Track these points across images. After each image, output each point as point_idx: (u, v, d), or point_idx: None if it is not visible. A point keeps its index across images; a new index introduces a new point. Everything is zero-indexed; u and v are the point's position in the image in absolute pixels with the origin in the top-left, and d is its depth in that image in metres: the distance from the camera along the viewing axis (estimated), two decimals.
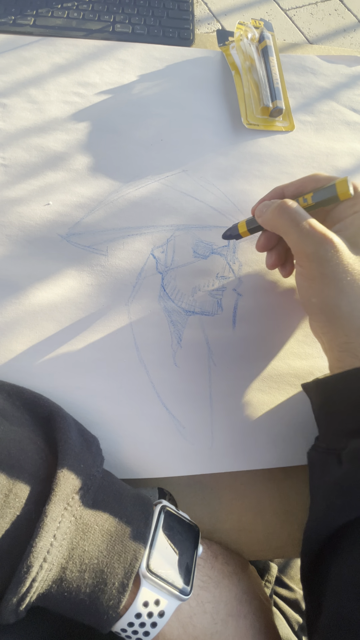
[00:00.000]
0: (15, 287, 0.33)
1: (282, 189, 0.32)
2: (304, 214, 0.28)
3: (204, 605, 0.24)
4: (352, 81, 0.47)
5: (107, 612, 0.21)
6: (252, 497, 0.31)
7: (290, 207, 0.28)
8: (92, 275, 0.34)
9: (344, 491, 0.23)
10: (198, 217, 0.38)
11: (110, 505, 0.24)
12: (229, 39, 0.47)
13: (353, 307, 0.25)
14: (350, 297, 0.25)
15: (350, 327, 0.26)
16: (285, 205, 0.29)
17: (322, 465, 0.26)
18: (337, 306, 0.26)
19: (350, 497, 0.23)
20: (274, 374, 0.33)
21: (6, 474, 0.21)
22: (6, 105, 0.40)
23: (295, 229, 0.27)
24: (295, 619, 0.41)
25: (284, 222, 0.28)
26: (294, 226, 0.27)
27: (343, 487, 0.24)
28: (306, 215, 0.28)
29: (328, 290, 0.26)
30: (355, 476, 0.23)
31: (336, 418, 0.27)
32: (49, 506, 0.21)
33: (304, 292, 0.28)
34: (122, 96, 0.42)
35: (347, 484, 0.23)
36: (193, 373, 0.32)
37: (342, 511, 0.23)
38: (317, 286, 0.27)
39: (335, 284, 0.26)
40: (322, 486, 0.26)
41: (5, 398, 0.26)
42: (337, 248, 0.26)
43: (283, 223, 0.28)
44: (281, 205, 0.29)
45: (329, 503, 0.24)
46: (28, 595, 0.20)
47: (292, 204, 0.29)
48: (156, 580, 0.22)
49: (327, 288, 0.26)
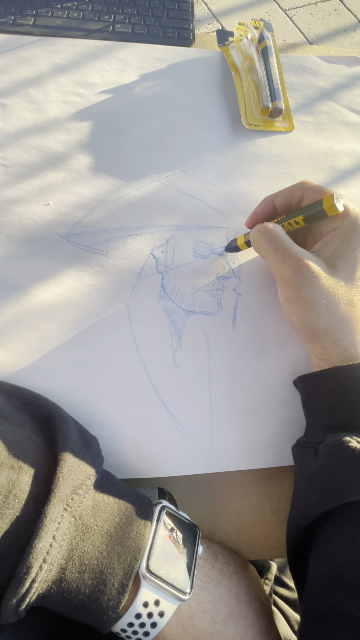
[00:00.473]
0: (15, 287, 0.33)
1: (272, 198, 0.33)
2: (283, 238, 0.29)
3: (204, 605, 0.24)
4: (352, 82, 0.47)
5: (106, 613, 0.21)
6: (252, 497, 0.31)
7: (269, 232, 0.30)
8: (92, 275, 0.34)
9: (319, 483, 0.25)
10: (198, 217, 0.38)
11: (110, 505, 0.24)
12: (228, 39, 0.47)
13: (329, 325, 0.28)
14: (326, 317, 0.28)
15: (327, 342, 0.28)
16: (265, 230, 0.30)
17: (301, 459, 0.28)
18: (315, 325, 0.28)
19: (324, 489, 0.25)
20: (274, 374, 0.33)
21: (6, 475, 0.21)
22: (6, 105, 0.40)
23: (273, 255, 0.29)
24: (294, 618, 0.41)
25: (264, 247, 0.30)
26: (272, 252, 0.29)
27: (318, 480, 0.25)
28: (284, 239, 0.29)
29: (305, 312, 0.28)
30: (329, 469, 0.25)
31: (315, 413, 0.29)
32: (49, 507, 0.21)
33: (285, 310, 0.30)
34: (122, 96, 0.42)
35: (322, 476, 0.25)
36: (193, 373, 0.32)
37: (318, 502, 0.25)
38: (296, 308, 0.29)
39: (312, 307, 0.28)
40: (301, 478, 0.27)
41: (4, 398, 0.26)
42: (313, 273, 0.28)
43: (262, 248, 0.30)
44: (261, 231, 0.30)
45: (306, 495, 0.26)
46: (28, 595, 0.20)
47: (271, 228, 0.30)
48: (156, 581, 0.22)
49: (305, 310, 0.28)
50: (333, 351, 0.28)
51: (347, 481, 0.24)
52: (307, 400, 0.30)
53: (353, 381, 0.26)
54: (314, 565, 0.25)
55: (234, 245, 0.35)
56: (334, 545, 0.24)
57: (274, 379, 0.33)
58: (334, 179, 0.42)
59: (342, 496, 0.24)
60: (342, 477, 0.24)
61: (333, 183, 0.41)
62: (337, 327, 0.28)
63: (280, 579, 0.45)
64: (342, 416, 0.27)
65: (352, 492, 0.24)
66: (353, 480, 0.24)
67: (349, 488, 0.24)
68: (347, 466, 0.24)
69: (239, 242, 0.34)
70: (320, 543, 0.25)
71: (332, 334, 0.28)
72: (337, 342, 0.28)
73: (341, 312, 0.28)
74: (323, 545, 0.25)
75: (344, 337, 0.28)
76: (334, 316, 0.28)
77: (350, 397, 0.26)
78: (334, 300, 0.28)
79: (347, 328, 0.28)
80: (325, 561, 0.24)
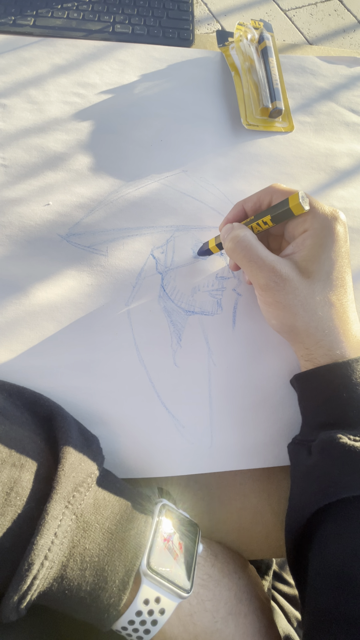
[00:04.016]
0: (15, 287, 0.33)
1: (242, 203, 0.33)
2: (254, 246, 0.29)
3: (204, 604, 0.24)
4: (352, 82, 0.47)
5: (107, 610, 0.21)
6: (252, 497, 0.31)
7: (241, 242, 0.30)
8: (92, 276, 0.34)
9: (312, 481, 0.25)
10: (198, 218, 0.38)
11: (110, 503, 0.24)
12: (228, 40, 0.47)
13: (308, 326, 0.28)
14: (304, 318, 0.28)
15: (309, 343, 0.29)
16: (237, 240, 0.30)
17: (296, 457, 0.29)
18: (294, 326, 0.29)
19: (318, 485, 0.25)
20: (274, 374, 0.33)
21: (7, 473, 0.22)
22: (6, 106, 0.40)
23: (247, 264, 0.29)
24: (294, 615, 0.41)
25: (237, 256, 0.30)
26: (245, 261, 0.29)
27: (311, 477, 0.26)
28: (256, 247, 0.29)
29: (284, 314, 0.29)
30: (321, 467, 0.25)
31: (309, 411, 0.29)
32: (50, 504, 0.21)
33: (265, 314, 0.31)
34: (122, 97, 0.42)
35: (315, 473, 0.25)
36: (193, 373, 0.32)
37: (312, 500, 0.25)
38: (274, 311, 0.29)
39: (289, 310, 0.28)
40: (296, 476, 0.28)
41: (5, 398, 0.26)
42: (285, 278, 0.28)
43: (236, 257, 0.30)
44: (232, 240, 0.30)
45: (301, 491, 0.26)
46: (29, 593, 0.20)
47: (242, 237, 0.30)
48: (157, 578, 0.22)
49: (282, 312, 0.29)
50: (317, 352, 0.28)
51: (340, 478, 0.24)
52: (302, 399, 0.30)
53: (343, 379, 0.27)
54: (313, 564, 0.25)
55: (205, 249, 0.35)
56: (331, 543, 0.24)
57: (273, 378, 0.33)
58: (333, 179, 0.42)
59: (335, 492, 0.24)
60: (334, 474, 0.24)
61: (333, 183, 0.42)
62: (318, 327, 0.28)
63: (279, 575, 0.45)
64: (334, 414, 0.27)
65: (345, 488, 0.24)
66: (345, 477, 0.24)
67: (342, 484, 0.24)
68: (339, 463, 0.24)
69: (210, 245, 0.34)
70: (318, 541, 0.25)
71: (313, 335, 0.28)
72: (320, 343, 0.28)
73: (320, 313, 0.28)
74: (321, 544, 0.25)
75: (326, 338, 0.28)
76: (313, 317, 0.28)
77: (342, 394, 0.27)
78: (310, 302, 0.28)
79: (327, 328, 0.28)
80: (324, 559, 0.24)
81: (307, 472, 0.26)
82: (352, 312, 0.29)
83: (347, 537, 0.24)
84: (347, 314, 0.29)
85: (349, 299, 0.29)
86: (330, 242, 0.29)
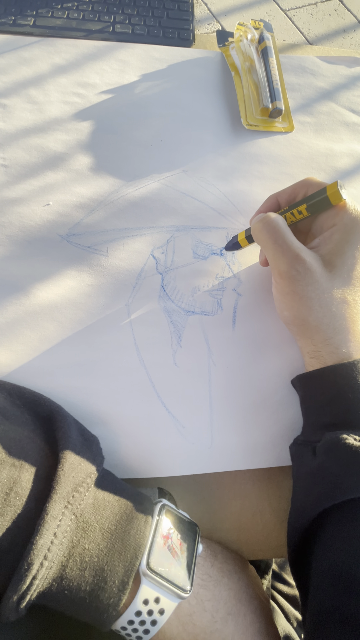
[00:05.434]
0: (15, 287, 0.33)
1: (276, 196, 0.33)
2: (283, 230, 0.29)
3: (204, 604, 0.24)
4: (352, 82, 0.47)
5: (107, 610, 0.21)
6: (252, 497, 0.31)
7: (270, 223, 0.29)
8: (92, 276, 0.34)
9: (317, 482, 0.25)
10: (198, 218, 0.38)
11: (110, 503, 0.24)
12: (228, 40, 0.47)
13: (320, 322, 0.28)
14: (318, 313, 0.28)
15: (318, 338, 0.28)
16: (266, 221, 0.30)
17: (299, 457, 0.28)
18: (306, 320, 0.28)
19: (323, 486, 0.25)
20: (274, 374, 0.33)
21: (7, 473, 0.22)
22: (6, 106, 0.40)
23: (272, 247, 0.29)
24: (293, 615, 0.41)
25: (263, 238, 0.30)
26: (270, 244, 0.29)
27: (316, 478, 0.25)
28: (284, 232, 0.29)
29: (298, 306, 0.28)
30: (327, 467, 0.25)
31: (312, 412, 0.29)
32: (50, 504, 0.21)
33: (278, 304, 0.31)
34: (122, 97, 0.43)
35: (320, 474, 0.25)
36: (193, 373, 0.32)
37: (317, 501, 0.25)
38: (289, 302, 0.29)
39: (304, 302, 0.28)
40: (300, 477, 0.28)
41: (5, 397, 0.26)
42: (308, 268, 0.28)
43: (262, 239, 0.30)
44: (262, 221, 0.30)
45: (306, 493, 0.26)
46: (28, 593, 0.20)
47: (273, 219, 0.30)
48: (156, 579, 0.22)
49: (297, 304, 0.28)
50: (324, 349, 0.28)
51: (345, 479, 0.24)
52: (305, 399, 0.30)
53: (349, 379, 0.27)
54: (316, 565, 0.25)
55: (234, 242, 0.35)
56: (334, 544, 0.24)
57: (273, 378, 0.33)
58: (333, 180, 0.42)
59: (340, 494, 0.24)
60: (339, 475, 0.24)
61: None
62: (329, 324, 0.28)
63: (279, 575, 0.45)
64: (339, 414, 0.27)
65: (351, 489, 0.24)
66: (350, 477, 0.24)
67: (347, 485, 0.24)
68: (344, 464, 0.24)
69: (239, 237, 0.34)
70: (321, 543, 0.25)
71: (323, 331, 0.28)
72: (329, 340, 0.28)
73: (334, 309, 0.28)
74: (324, 545, 0.25)
75: (336, 336, 0.28)
76: (326, 313, 0.28)
77: (347, 395, 0.26)
78: (327, 297, 0.28)
79: (339, 326, 0.28)
80: (327, 561, 0.24)
81: (311, 473, 0.26)
82: None
83: (352, 539, 0.24)
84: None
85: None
86: (357, 239, 0.28)
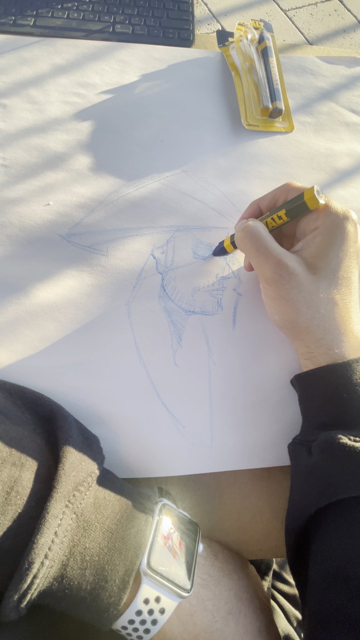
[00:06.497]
0: (16, 287, 0.33)
1: (257, 202, 0.33)
2: (264, 237, 0.30)
3: (205, 603, 0.24)
4: (352, 82, 0.47)
5: (107, 610, 0.21)
6: (252, 497, 0.31)
7: (251, 231, 0.30)
8: (92, 276, 0.34)
9: (312, 481, 0.26)
10: (198, 218, 0.38)
11: (111, 503, 0.24)
12: (228, 40, 0.47)
13: (309, 323, 0.28)
14: (306, 315, 0.28)
15: (310, 339, 0.28)
16: (247, 229, 0.30)
17: (296, 457, 0.29)
18: (296, 323, 0.29)
19: (318, 485, 0.25)
20: (274, 374, 0.33)
21: (8, 472, 0.22)
22: (6, 106, 0.40)
23: (255, 254, 0.29)
24: (294, 614, 0.41)
25: (245, 246, 0.30)
26: (253, 251, 0.29)
27: (311, 477, 0.26)
28: (265, 238, 0.29)
29: (286, 310, 0.29)
30: (321, 467, 0.25)
31: (309, 412, 0.29)
32: (50, 503, 0.21)
33: (268, 308, 0.31)
34: (122, 97, 0.43)
35: (315, 474, 0.25)
36: (193, 373, 0.32)
37: (312, 500, 0.25)
38: (277, 305, 0.29)
39: (292, 305, 0.28)
40: (296, 477, 0.28)
41: (6, 397, 0.27)
42: (291, 272, 0.28)
43: (244, 247, 0.30)
44: (243, 230, 0.30)
45: (302, 492, 0.26)
46: (29, 592, 0.20)
47: (253, 227, 0.30)
48: (157, 578, 0.22)
49: (285, 308, 0.29)
50: (317, 350, 0.28)
51: (339, 478, 0.24)
52: (302, 399, 0.30)
53: (343, 379, 0.27)
54: (313, 565, 0.25)
55: (220, 248, 0.35)
56: (330, 543, 0.24)
57: (273, 378, 0.33)
58: (333, 180, 0.42)
59: (334, 493, 0.24)
60: (334, 474, 0.24)
61: (333, 183, 0.42)
62: (319, 325, 0.28)
63: (279, 575, 0.45)
64: (334, 414, 0.27)
65: (345, 489, 0.24)
66: (345, 477, 0.24)
67: (342, 485, 0.24)
68: (339, 463, 0.24)
69: (225, 243, 0.34)
70: (317, 542, 0.25)
71: (313, 333, 0.28)
72: (320, 341, 0.28)
73: (322, 311, 0.28)
74: (320, 544, 0.25)
75: (327, 336, 0.28)
76: (315, 314, 0.28)
77: (342, 395, 0.27)
78: (314, 299, 0.28)
79: (329, 327, 0.28)
80: (325, 560, 0.24)
81: (307, 472, 0.26)
82: (355, 312, 0.29)
83: (347, 537, 0.24)
84: (350, 313, 0.29)
85: (353, 299, 0.29)
86: (340, 241, 0.29)
